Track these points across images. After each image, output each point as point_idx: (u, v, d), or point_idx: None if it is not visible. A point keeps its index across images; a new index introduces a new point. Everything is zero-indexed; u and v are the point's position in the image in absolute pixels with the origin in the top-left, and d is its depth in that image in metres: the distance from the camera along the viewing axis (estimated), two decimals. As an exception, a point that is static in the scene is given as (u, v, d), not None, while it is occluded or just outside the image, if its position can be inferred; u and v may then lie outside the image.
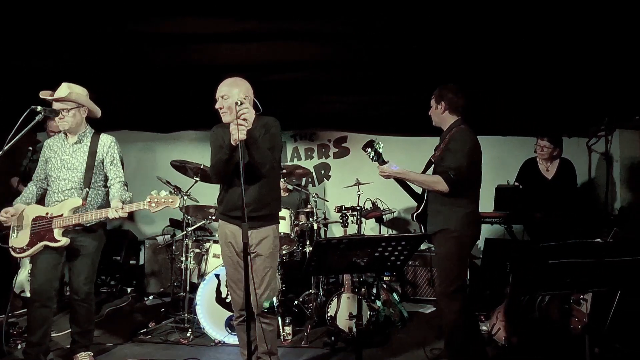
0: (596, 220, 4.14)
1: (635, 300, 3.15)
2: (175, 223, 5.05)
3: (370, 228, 5.29)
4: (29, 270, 3.58)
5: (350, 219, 4.13)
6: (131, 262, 5.34)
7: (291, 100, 4.59)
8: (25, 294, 4.03)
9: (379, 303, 4.01)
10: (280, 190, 3.03)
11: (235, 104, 2.50)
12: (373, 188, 4.60)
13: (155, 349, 3.59)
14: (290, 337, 3.73)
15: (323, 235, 4.85)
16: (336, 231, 5.30)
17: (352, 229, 4.29)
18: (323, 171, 5.60)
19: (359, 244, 2.28)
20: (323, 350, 3.58)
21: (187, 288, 4.03)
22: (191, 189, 4.30)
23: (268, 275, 2.81)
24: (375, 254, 2.31)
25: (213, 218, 4.25)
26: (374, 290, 4.23)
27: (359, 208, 4.25)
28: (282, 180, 4.42)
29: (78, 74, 3.74)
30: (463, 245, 2.98)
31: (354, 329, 3.46)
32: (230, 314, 3.58)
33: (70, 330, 3.30)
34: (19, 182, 3.75)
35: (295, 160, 5.55)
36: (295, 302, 4.19)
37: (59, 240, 2.92)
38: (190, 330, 3.79)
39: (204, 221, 4.32)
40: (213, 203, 4.25)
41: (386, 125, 5.20)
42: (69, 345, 3.34)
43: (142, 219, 5.73)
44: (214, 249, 4.02)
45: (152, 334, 3.86)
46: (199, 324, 3.69)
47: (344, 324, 3.69)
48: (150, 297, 4.87)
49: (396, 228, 5.39)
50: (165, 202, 2.82)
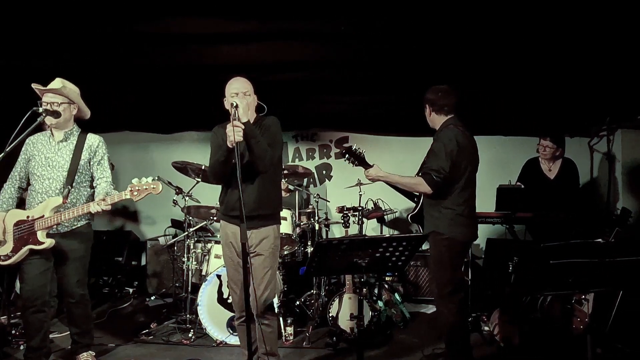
0: (598, 220, 4.13)
1: (637, 300, 3.14)
2: (177, 224, 5.05)
3: (371, 228, 5.28)
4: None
5: (351, 219, 4.13)
6: (133, 263, 5.35)
7: (292, 100, 4.59)
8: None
9: (380, 303, 4.01)
10: (281, 190, 3.01)
11: (231, 105, 2.51)
12: (374, 188, 4.58)
13: (157, 350, 3.59)
14: (292, 338, 3.73)
15: (324, 236, 4.85)
16: (338, 232, 5.30)
17: (354, 230, 4.29)
18: (324, 171, 5.60)
19: (360, 245, 2.28)
20: (325, 350, 3.58)
21: (189, 289, 4.04)
22: (193, 190, 4.31)
23: (268, 275, 2.80)
24: (377, 255, 2.31)
25: (214, 219, 4.26)
26: (376, 291, 4.23)
27: (360, 208, 4.25)
28: (284, 181, 4.42)
29: (78, 75, 3.74)
30: (453, 248, 2.92)
31: (355, 330, 3.46)
32: (231, 314, 3.58)
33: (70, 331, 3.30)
34: None
35: (296, 161, 5.55)
36: (297, 303, 4.19)
37: (43, 242, 2.84)
38: (192, 330, 3.79)
39: (205, 222, 4.32)
40: (214, 203, 4.25)
41: (387, 125, 5.20)
42: (70, 347, 3.33)
43: (144, 220, 5.75)
44: (215, 249, 4.02)
45: (154, 335, 3.87)
46: (200, 325, 3.70)
47: (346, 324, 3.68)
48: (152, 298, 4.87)
49: (398, 228, 5.39)
50: (147, 190, 2.73)
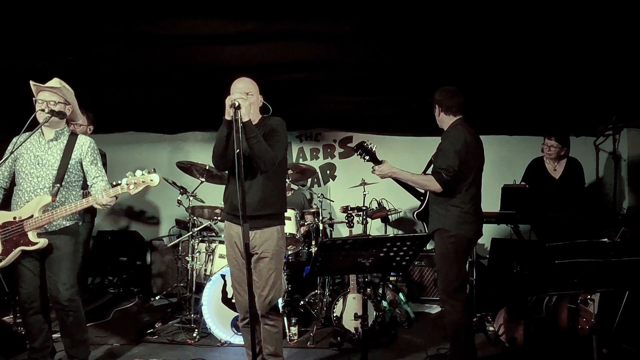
0: (604, 220, 4.10)
1: (644, 301, 3.12)
2: (181, 224, 5.07)
3: (375, 228, 5.27)
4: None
5: (355, 219, 4.12)
6: (138, 263, 5.37)
7: (296, 100, 4.59)
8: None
9: (385, 303, 4.00)
10: (286, 190, 3.00)
11: (232, 105, 2.49)
12: (379, 188, 4.59)
13: (162, 349, 3.60)
14: (296, 338, 3.73)
15: (329, 236, 4.85)
16: (342, 231, 5.30)
17: (358, 229, 4.28)
18: (328, 171, 5.60)
19: (364, 245, 2.28)
20: (329, 350, 3.57)
21: (193, 288, 4.05)
22: (197, 190, 4.32)
23: (272, 276, 2.78)
24: (381, 254, 2.31)
25: (219, 218, 4.27)
26: (380, 291, 4.22)
27: (364, 208, 4.24)
28: (287, 181, 4.42)
29: (83, 75, 3.78)
30: (459, 245, 2.97)
31: (360, 330, 3.46)
32: (236, 314, 3.58)
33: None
34: None
35: (300, 161, 5.55)
36: (301, 303, 4.19)
37: (36, 243, 2.75)
38: (196, 330, 3.80)
39: (209, 222, 4.34)
40: (218, 203, 4.26)
41: (392, 125, 5.19)
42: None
43: (149, 220, 5.77)
44: (219, 249, 4.03)
45: (159, 334, 3.88)
46: (205, 325, 3.70)
47: (350, 324, 3.68)
48: (156, 298, 4.89)
49: (402, 228, 5.38)
50: (144, 182, 2.69)
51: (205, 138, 5.58)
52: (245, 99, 2.59)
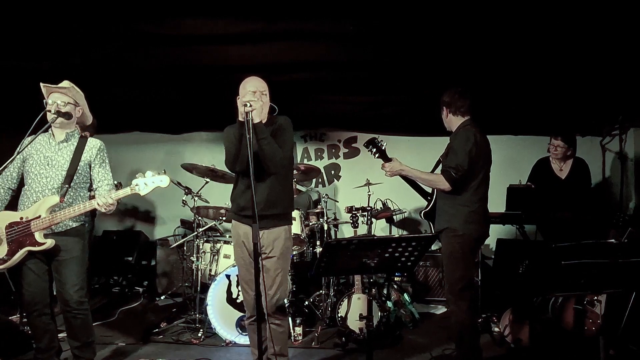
0: (610, 220, 4.08)
1: (651, 302, 3.09)
2: (186, 224, 5.08)
3: (380, 228, 5.27)
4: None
5: (360, 219, 4.12)
6: (143, 263, 5.39)
7: (301, 100, 4.59)
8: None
9: (389, 304, 4.00)
10: (293, 189, 3.01)
11: (244, 105, 2.50)
12: (383, 188, 4.58)
13: (167, 349, 3.62)
14: (300, 338, 3.73)
15: (333, 236, 4.85)
16: (346, 232, 5.29)
17: (363, 230, 4.28)
18: (333, 171, 5.60)
19: (368, 245, 2.28)
20: (334, 351, 3.57)
21: (198, 288, 4.06)
22: (202, 190, 4.33)
23: (279, 276, 2.80)
24: (386, 255, 2.31)
25: (223, 219, 4.28)
26: (385, 291, 4.22)
27: (369, 208, 4.24)
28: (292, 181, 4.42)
29: (89, 76, 3.79)
30: (466, 245, 2.98)
31: (364, 330, 3.45)
32: (241, 314, 3.59)
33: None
34: None
35: (305, 161, 5.56)
36: (306, 303, 4.19)
37: (42, 243, 2.73)
38: (201, 330, 3.81)
39: (214, 222, 4.34)
40: (223, 204, 4.27)
41: (396, 125, 5.19)
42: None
43: (154, 220, 5.79)
44: (224, 249, 4.04)
45: (164, 334, 3.89)
46: (210, 324, 3.71)
47: (355, 324, 3.68)
48: (161, 298, 4.91)
49: (407, 228, 5.37)
50: (154, 183, 2.70)
51: (209, 138, 5.60)
52: (257, 100, 2.61)
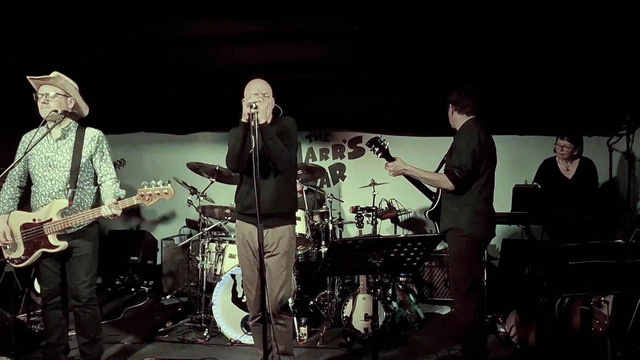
0: (617, 221, 4.05)
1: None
2: (191, 223, 5.10)
3: (385, 228, 5.26)
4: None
5: (365, 219, 4.12)
6: (149, 262, 5.41)
7: (306, 100, 4.59)
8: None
9: (395, 304, 3.99)
10: (296, 189, 3.02)
11: (250, 106, 2.52)
12: (388, 188, 4.57)
13: (173, 348, 3.63)
14: (306, 338, 3.74)
15: (338, 236, 4.85)
16: (351, 232, 5.29)
17: (368, 230, 4.27)
18: (338, 171, 5.60)
19: (374, 245, 2.27)
20: (339, 351, 3.57)
21: (204, 288, 4.07)
22: (207, 190, 4.34)
23: (283, 275, 2.81)
24: (391, 255, 2.30)
25: (229, 218, 4.29)
26: (390, 291, 4.21)
27: (374, 208, 4.23)
28: (297, 181, 4.42)
29: (95, 77, 3.82)
30: (472, 244, 2.97)
31: (369, 330, 3.45)
32: (246, 314, 3.60)
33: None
34: None
35: (310, 161, 5.56)
36: (311, 303, 4.19)
37: (56, 246, 2.80)
38: (206, 329, 3.82)
39: (219, 222, 4.36)
40: (229, 203, 4.29)
41: (401, 125, 5.17)
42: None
43: (160, 220, 5.81)
44: (229, 249, 4.05)
45: (170, 334, 3.91)
46: (215, 324, 3.72)
47: (360, 324, 3.67)
48: (167, 297, 4.93)
49: (412, 228, 5.36)
50: (159, 195, 2.72)
51: (215, 138, 5.61)
52: (262, 101, 2.63)
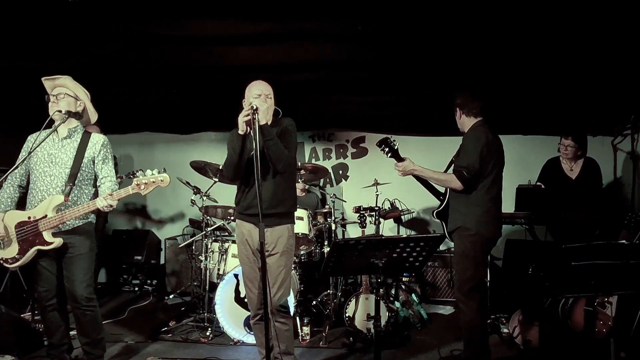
0: (622, 221, 4.03)
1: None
2: (194, 223, 5.12)
3: (388, 228, 5.26)
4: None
5: (368, 219, 4.12)
6: (152, 262, 5.43)
7: (308, 100, 4.60)
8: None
9: (397, 304, 3.99)
10: (296, 189, 3.05)
11: (250, 108, 2.55)
12: (391, 188, 4.57)
13: (176, 347, 3.64)
14: (308, 338, 3.74)
15: (341, 236, 4.85)
16: (354, 232, 5.29)
17: (370, 230, 4.27)
18: (341, 171, 5.60)
19: (376, 245, 2.28)
20: (342, 350, 3.57)
21: (207, 287, 4.08)
22: (210, 190, 4.35)
23: (282, 273, 2.84)
24: (393, 255, 2.30)
25: (232, 218, 4.29)
26: (393, 291, 4.20)
27: (377, 208, 4.23)
28: (300, 181, 4.43)
29: (99, 77, 3.83)
30: (478, 244, 2.99)
31: (372, 330, 3.45)
32: (248, 313, 3.60)
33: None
34: None
35: (313, 161, 5.56)
36: (314, 303, 4.19)
37: (51, 242, 2.77)
38: (209, 329, 3.83)
39: (222, 221, 4.36)
40: (232, 203, 4.29)
41: (404, 125, 5.16)
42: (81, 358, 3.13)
43: (163, 219, 5.83)
44: (232, 249, 4.05)
45: (173, 333, 3.93)
46: (218, 323, 3.73)
47: (363, 324, 3.67)
48: (170, 296, 4.95)
49: (415, 228, 5.35)
50: (155, 182, 2.71)
51: (218, 138, 5.63)
52: (263, 102, 2.67)
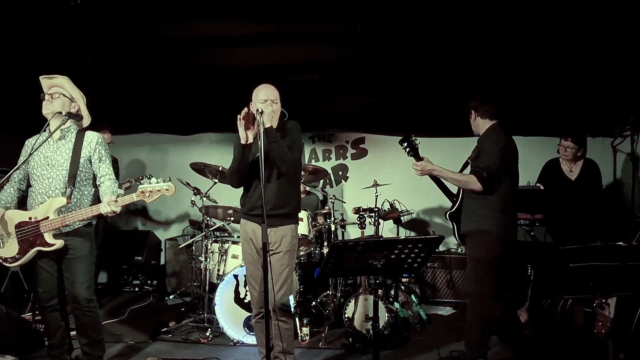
0: (622, 222, 4.03)
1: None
2: (195, 224, 5.12)
3: (388, 229, 5.26)
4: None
5: (368, 220, 4.12)
6: (152, 263, 5.44)
7: (308, 101, 4.60)
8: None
9: (397, 305, 3.99)
10: (300, 191, 3.06)
11: (257, 111, 2.60)
12: (391, 189, 4.57)
13: (176, 348, 3.65)
14: (307, 338, 3.74)
15: (340, 237, 4.85)
16: (354, 233, 5.29)
17: (370, 231, 4.27)
18: (341, 172, 5.60)
19: (375, 246, 2.28)
20: (341, 351, 3.58)
21: (207, 288, 4.09)
22: (210, 191, 4.36)
23: (285, 272, 2.86)
24: (392, 257, 2.31)
25: (232, 219, 4.30)
26: (392, 292, 4.21)
27: (376, 209, 4.23)
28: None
29: (100, 78, 3.85)
30: (497, 247, 2.96)
31: (371, 331, 3.45)
32: (248, 314, 3.61)
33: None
34: None
35: (313, 162, 5.57)
36: (313, 303, 4.20)
37: (52, 244, 2.78)
38: (209, 329, 3.84)
39: (223, 222, 4.37)
40: (232, 204, 4.30)
41: (404, 125, 5.15)
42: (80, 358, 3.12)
43: (163, 220, 5.84)
44: (232, 249, 4.06)
45: (173, 333, 3.93)
46: (218, 324, 3.74)
47: (362, 325, 3.68)
48: (171, 297, 4.95)
49: (414, 229, 5.35)
50: (160, 191, 2.73)
51: (219, 139, 5.64)
52: (268, 105, 2.73)
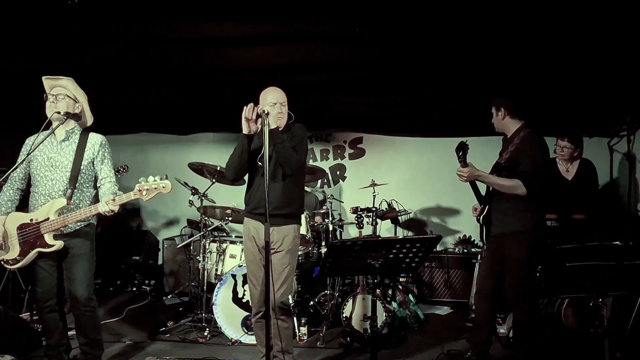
0: (618, 222, 4.05)
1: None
2: (193, 224, 5.12)
3: (385, 229, 5.27)
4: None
5: (365, 220, 4.13)
6: (150, 262, 5.44)
7: (307, 101, 4.60)
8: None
9: (394, 304, 4.00)
10: (304, 192, 3.09)
11: (262, 112, 2.62)
12: (389, 189, 4.59)
13: (174, 347, 3.65)
14: (305, 338, 3.75)
15: (338, 237, 4.86)
16: (352, 232, 5.30)
17: (368, 230, 4.29)
18: (338, 172, 5.61)
19: (372, 246, 2.29)
20: (339, 350, 3.59)
21: (205, 288, 4.09)
22: (208, 190, 4.36)
23: (285, 271, 2.88)
24: (390, 256, 2.32)
25: (230, 219, 4.31)
26: (390, 292, 4.22)
27: (374, 209, 4.24)
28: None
29: (99, 78, 3.84)
30: (535, 247, 3.00)
31: (369, 330, 3.46)
32: (246, 314, 3.62)
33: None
34: None
35: (310, 162, 5.57)
36: (311, 303, 4.21)
37: (52, 245, 2.80)
38: (207, 329, 3.84)
39: (220, 222, 4.37)
40: (230, 204, 4.31)
41: (402, 126, 5.19)
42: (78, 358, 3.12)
43: (161, 220, 5.84)
44: (230, 249, 4.07)
45: (171, 333, 3.93)
46: (216, 324, 3.74)
47: (359, 324, 3.69)
48: (169, 297, 4.96)
49: (412, 229, 5.37)
50: (157, 189, 2.73)
51: (217, 139, 5.64)
52: (277, 108, 2.79)
